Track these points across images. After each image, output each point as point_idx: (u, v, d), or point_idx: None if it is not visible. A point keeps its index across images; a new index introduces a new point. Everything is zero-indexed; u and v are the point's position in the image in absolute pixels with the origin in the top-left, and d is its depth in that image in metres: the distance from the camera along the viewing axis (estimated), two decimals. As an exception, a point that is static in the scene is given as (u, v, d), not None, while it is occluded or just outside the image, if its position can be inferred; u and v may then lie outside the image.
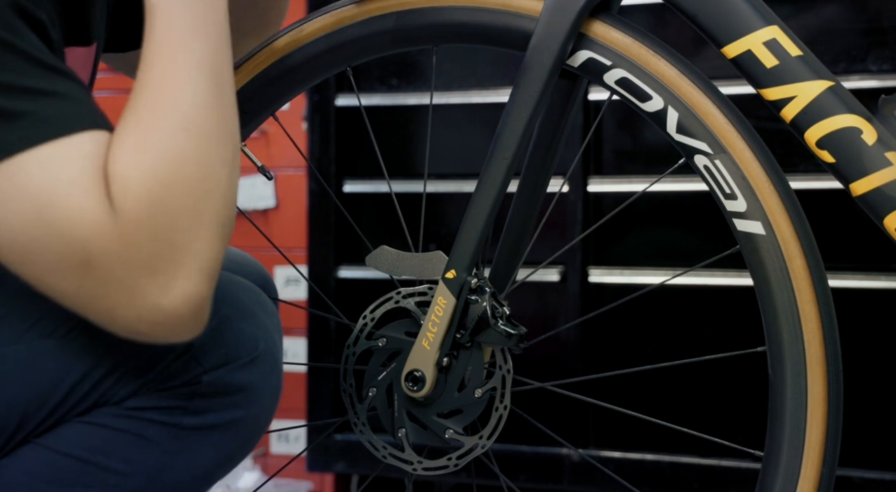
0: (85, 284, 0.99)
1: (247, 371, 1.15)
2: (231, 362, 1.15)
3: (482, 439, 1.27)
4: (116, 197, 0.98)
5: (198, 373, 1.13)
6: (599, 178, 2.37)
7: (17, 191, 0.98)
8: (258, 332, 1.16)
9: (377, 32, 1.31)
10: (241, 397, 1.16)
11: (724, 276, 2.25)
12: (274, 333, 1.19)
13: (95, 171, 0.99)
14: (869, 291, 2.19)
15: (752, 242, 1.19)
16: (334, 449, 2.54)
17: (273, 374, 1.18)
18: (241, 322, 1.16)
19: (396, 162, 2.52)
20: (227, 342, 1.14)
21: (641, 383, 2.32)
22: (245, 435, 1.18)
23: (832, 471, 1.18)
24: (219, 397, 1.15)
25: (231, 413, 1.16)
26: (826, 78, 1.17)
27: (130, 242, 0.98)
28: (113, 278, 0.99)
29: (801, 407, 1.18)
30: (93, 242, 0.98)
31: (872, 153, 1.14)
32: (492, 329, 1.25)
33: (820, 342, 1.18)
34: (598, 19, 1.24)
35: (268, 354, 1.17)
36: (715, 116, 1.20)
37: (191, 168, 1.01)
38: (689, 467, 2.30)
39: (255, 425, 1.19)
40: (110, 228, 0.98)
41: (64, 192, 0.98)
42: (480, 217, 1.26)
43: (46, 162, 0.98)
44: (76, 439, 1.13)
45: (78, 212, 0.98)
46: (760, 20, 1.18)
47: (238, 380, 1.15)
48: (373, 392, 1.30)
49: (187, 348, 1.12)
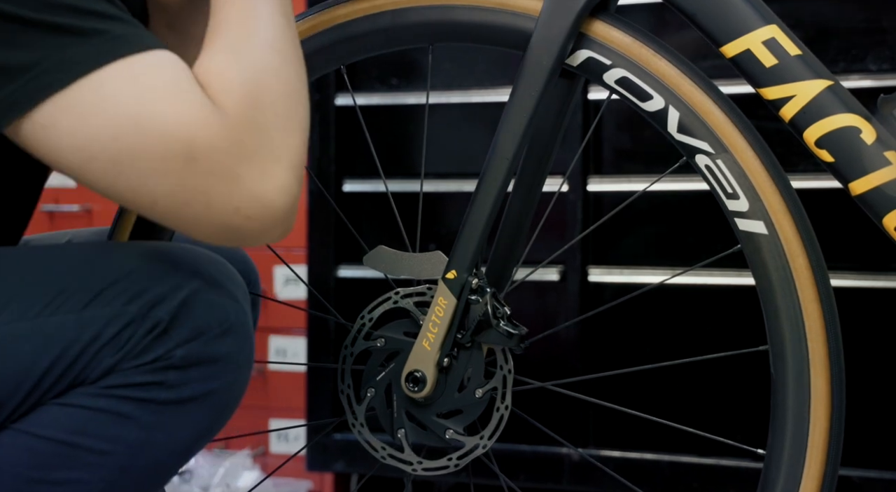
0: (187, 182, 1.04)
1: (220, 342, 1.15)
2: (203, 335, 1.14)
3: (483, 439, 1.27)
4: (219, 97, 1.06)
5: (170, 347, 1.13)
6: (599, 177, 2.37)
7: (105, 103, 1.03)
8: (228, 302, 1.17)
9: (371, 31, 1.31)
10: (215, 369, 1.16)
11: (724, 275, 2.25)
12: (244, 303, 1.19)
13: (190, 77, 1.06)
14: (867, 291, 2.19)
15: (754, 242, 1.19)
16: (333, 448, 2.54)
17: (246, 342, 1.18)
18: (211, 293, 1.16)
19: (396, 161, 2.52)
20: (198, 315, 1.14)
21: (641, 382, 2.32)
22: (221, 406, 1.19)
23: (835, 470, 1.18)
24: (193, 369, 1.15)
25: (206, 385, 1.16)
26: (825, 77, 1.16)
27: (236, 137, 1.05)
28: (218, 170, 1.04)
29: (804, 406, 1.18)
30: (199, 137, 1.03)
31: (871, 152, 1.14)
32: (493, 329, 1.25)
33: (823, 341, 1.18)
34: (597, 19, 1.23)
35: (239, 325, 1.17)
36: (716, 116, 1.20)
37: (281, 79, 1.10)
38: (689, 467, 2.30)
39: (231, 395, 1.19)
40: (218, 124, 1.04)
41: (161, 96, 1.04)
42: (481, 217, 1.26)
43: (135, 72, 1.04)
44: (54, 422, 1.13)
45: (182, 111, 1.04)
46: (759, 19, 1.18)
47: (211, 352, 1.15)
48: (371, 393, 1.30)
49: (157, 323, 1.13)
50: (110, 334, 1.12)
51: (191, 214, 1.06)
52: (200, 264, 1.18)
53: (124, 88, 1.04)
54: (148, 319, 1.12)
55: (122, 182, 1.05)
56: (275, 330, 2.78)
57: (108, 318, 1.12)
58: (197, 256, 1.18)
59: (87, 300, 1.12)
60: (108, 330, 1.12)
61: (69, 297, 1.13)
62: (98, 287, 1.13)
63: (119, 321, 1.12)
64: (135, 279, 1.13)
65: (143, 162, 1.04)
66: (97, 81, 1.03)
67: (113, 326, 1.12)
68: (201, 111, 1.04)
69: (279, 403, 2.79)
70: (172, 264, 1.15)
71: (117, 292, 1.13)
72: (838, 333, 1.18)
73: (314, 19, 1.32)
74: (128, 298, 1.13)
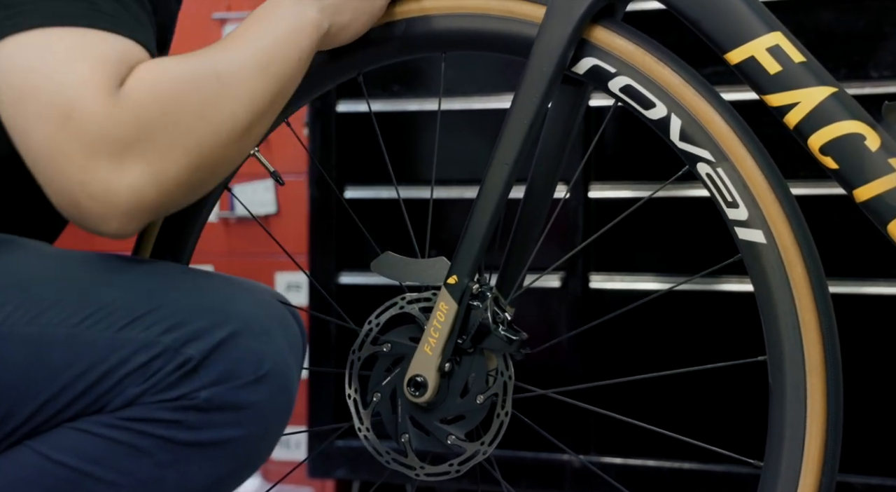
0: (57, 136, 1.07)
1: (250, 390, 1.14)
2: (233, 380, 1.13)
3: (483, 445, 1.27)
4: (131, 83, 1.09)
5: (196, 387, 1.12)
6: (600, 184, 2.37)
7: (32, 51, 1.09)
8: (267, 350, 1.15)
9: (387, 39, 1.32)
10: (241, 416, 1.15)
11: (725, 283, 2.25)
12: (287, 354, 1.18)
13: (121, 60, 1.10)
14: (869, 298, 2.19)
15: (753, 251, 1.19)
16: (335, 455, 2.53)
17: (281, 394, 1.17)
18: (250, 339, 1.14)
19: (398, 168, 2.52)
20: (231, 358, 1.13)
21: (642, 389, 2.32)
22: (243, 455, 1.17)
23: (832, 481, 1.18)
24: (217, 413, 1.13)
25: (229, 432, 1.15)
26: (829, 84, 1.16)
27: (117, 119, 1.07)
28: (85, 139, 1.07)
29: (799, 417, 1.17)
30: (84, 101, 1.07)
31: (876, 159, 1.14)
32: (493, 335, 1.25)
33: (819, 351, 1.17)
34: (601, 26, 1.24)
35: (277, 375, 1.16)
36: (717, 124, 1.20)
37: (209, 103, 1.12)
38: (691, 474, 2.30)
39: (256, 446, 1.18)
40: (108, 101, 1.07)
41: (79, 59, 1.08)
42: (482, 223, 1.26)
43: (75, 36, 1.09)
44: (69, 447, 1.13)
45: (86, 76, 1.07)
46: (763, 26, 1.18)
47: (239, 398, 1.14)
48: (377, 397, 1.30)
49: (187, 360, 1.12)
50: (139, 363, 1.11)
51: (49, 170, 1.08)
52: (251, 305, 1.16)
53: (57, 45, 1.09)
54: (180, 354, 1.11)
55: (21, 122, 1.08)
56: (276, 336, 2.77)
57: (141, 344, 1.11)
58: (253, 296, 1.18)
59: (126, 321, 1.12)
60: (138, 358, 1.11)
61: (110, 313, 1.12)
62: (141, 310, 1.13)
63: (150, 351, 1.11)
64: (178, 309, 1.13)
65: (35, 105, 1.08)
66: (43, 34, 1.09)
67: (143, 354, 1.11)
68: (102, 83, 1.07)
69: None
70: (222, 300, 1.15)
71: (157, 319, 1.12)
72: (836, 344, 1.18)
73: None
74: (165, 327, 1.12)
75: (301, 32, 1.20)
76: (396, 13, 1.31)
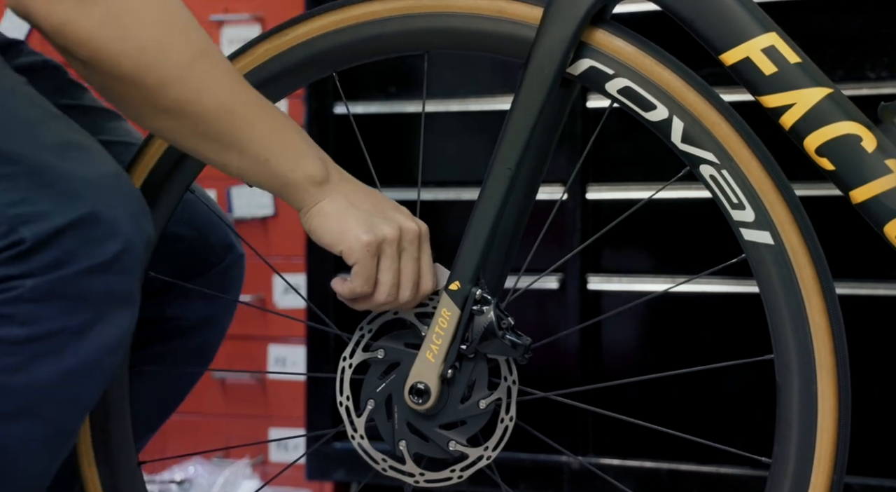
0: None
1: (83, 280, 1.08)
2: (64, 268, 1.07)
3: (487, 450, 1.26)
4: None
5: (24, 271, 1.06)
6: (598, 185, 2.36)
7: None
8: (107, 240, 1.09)
9: (366, 37, 1.30)
10: (75, 306, 1.08)
11: (724, 283, 2.24)
12: (135, 242, 1.11)
13: None
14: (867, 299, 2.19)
15: (759, 252, 1.19)
16: (333, 457, 2.53)
17: (119, 285, 1.10)
18: (92, 228, 1.08)
19: (396, 170, 2.52)
20: (65, 247, 1.07)
21: (642, 390, 2.32)
22: (88, 345, 1.10)
23: (841, 478, 1.18)
24: (47, 303, 1.07)
25: (62, 321, 1.08)
26: (825, 85, 1.16)
27: None
28: None
29: (811, 415, 1.18)
30: None
31: (872, 161, 1.14)
32: (498, 340, 1.24)
33: (830, 350, 1.18)
34: (599, 27, 1.23)
35: (114, 264, 1.09)
36: (721, 126, 1.20)
37: (185, 36, 1.15)
38: (688, 475, 2.30)
39: (100, 334, 1.10)
40: None
41: None
42: (483, 228, 1.25)
43: None
44: None
45: None
46: (759, 27, 1.18)
47: (68, 289, 1.07)
48: (371, 405, 1.29)
49: (20, 241, 1.06)
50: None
51: None
52: (107, 193, 1.10)
53: None
54: (15, 232, 1.06)
55: None
56: (274, 339, 2.78)
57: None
58: (115, 183, 1.11)
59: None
60: None
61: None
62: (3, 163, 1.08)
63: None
64: (32, 180, 1.07)
65: None
66: None
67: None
68: None
69: (278, 411, 2.79)
70: (79, 180, 1.09)
71: (13, 185, 1.07)
72: (844, 343, 1.18)
73: (308, 25, 1.32)
74: (11, 199, 1.07)
75: None
76: (378, 10, 1.29)
